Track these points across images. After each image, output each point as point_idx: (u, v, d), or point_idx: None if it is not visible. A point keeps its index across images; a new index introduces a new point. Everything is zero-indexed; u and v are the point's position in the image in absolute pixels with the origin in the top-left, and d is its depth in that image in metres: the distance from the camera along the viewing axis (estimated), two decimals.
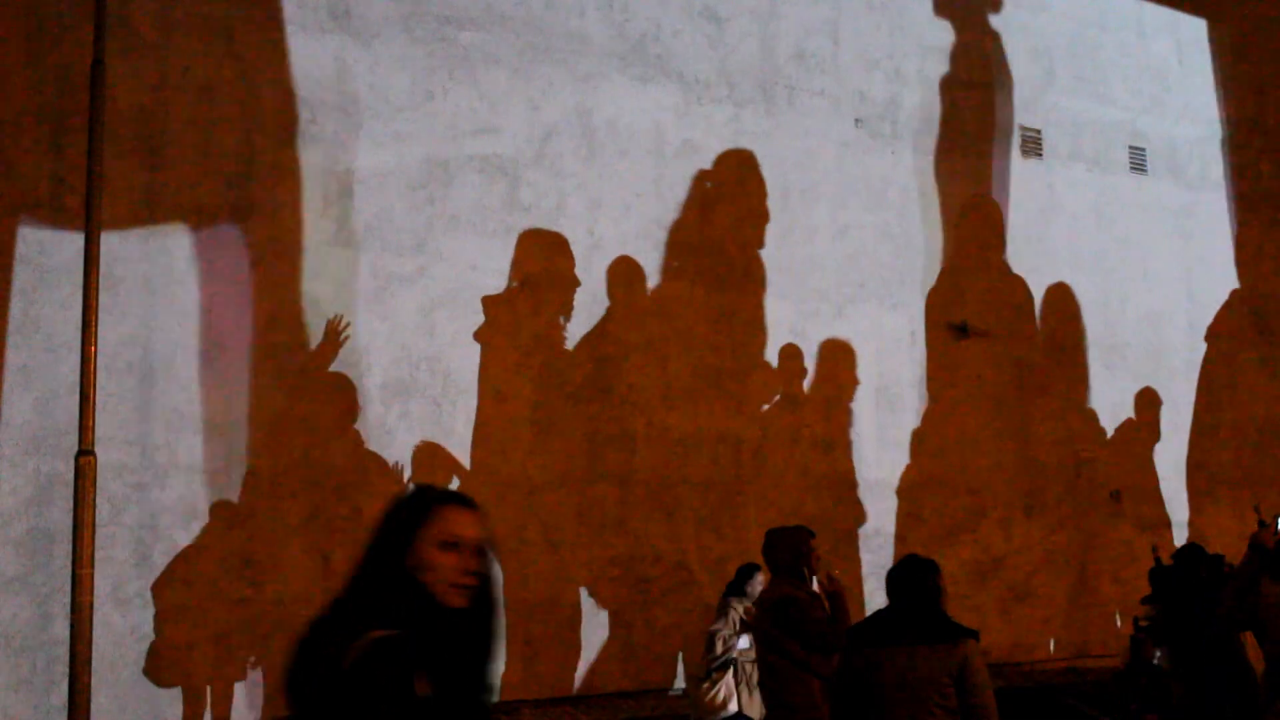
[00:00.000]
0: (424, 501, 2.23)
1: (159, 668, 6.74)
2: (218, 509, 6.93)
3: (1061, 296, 10.23)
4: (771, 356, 8.79)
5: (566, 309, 8.07)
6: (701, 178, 8.64)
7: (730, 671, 6.77)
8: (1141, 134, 10.76)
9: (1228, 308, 11.08)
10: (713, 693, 6.74)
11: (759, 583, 6.69)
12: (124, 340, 6.74)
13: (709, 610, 7.94)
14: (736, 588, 7.03)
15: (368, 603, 2.11)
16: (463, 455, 7.65)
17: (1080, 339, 10.30)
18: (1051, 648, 9.76)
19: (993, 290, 9.85)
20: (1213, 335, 10.92)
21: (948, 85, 9.83)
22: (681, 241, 8.53)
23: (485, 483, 7.61)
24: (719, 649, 6.82)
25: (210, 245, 7.06)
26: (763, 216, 8.94)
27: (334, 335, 7.32)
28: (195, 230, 7.04)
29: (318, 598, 7.06)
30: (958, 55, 9.95)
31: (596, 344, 8.17)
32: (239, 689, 6.85)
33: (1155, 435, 10.50)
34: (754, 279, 8.80)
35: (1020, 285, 9.99)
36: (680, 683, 8.05)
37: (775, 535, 5.36)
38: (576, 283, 8.09)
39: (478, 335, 7.76)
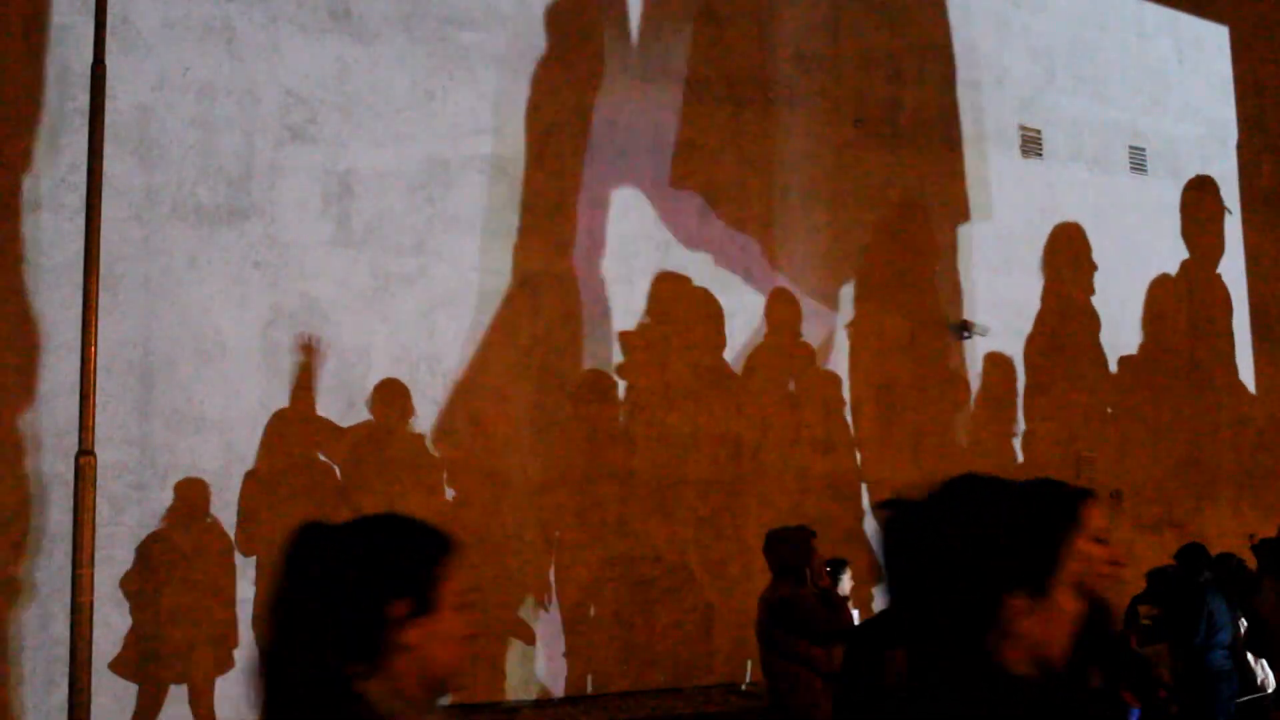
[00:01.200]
0: (1071, 500, 2.20)
1: (159, 668, 6.73)
2: (215, 511, 6.93)
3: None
4: (771, 356, 8.78)
5: (567, 309, 8.06)
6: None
7: None
8: (1141, 134, 10.75)
9: (1226, 307, 11.07)
10: None
11: (847, 580, 6.44)
12: (124, 340, 6.73)
13: (709, 610, 7.93)
14: None
15: None
16: (462, 454, 7.64)
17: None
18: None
19: (994, 290, 9.84)
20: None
21: (948, 85, 9.82)
22: (682, 242, 8.52)
23: (485, 483, 7.60)
24: None
25: (210, 245, 7.06)
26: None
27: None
28: (195, 230, 7.04)
29: None
30: (958, 55, 9.94)
31: (597, 344, 8.16)
32: (238, 689, 6.84)
33: (1155, 435, 10.50)
34: (755, 279, 8.80)
35: (1022, 285, 9.98)
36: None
37: (776, 536, 5.32)
38: (576, 283, 8.09)
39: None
